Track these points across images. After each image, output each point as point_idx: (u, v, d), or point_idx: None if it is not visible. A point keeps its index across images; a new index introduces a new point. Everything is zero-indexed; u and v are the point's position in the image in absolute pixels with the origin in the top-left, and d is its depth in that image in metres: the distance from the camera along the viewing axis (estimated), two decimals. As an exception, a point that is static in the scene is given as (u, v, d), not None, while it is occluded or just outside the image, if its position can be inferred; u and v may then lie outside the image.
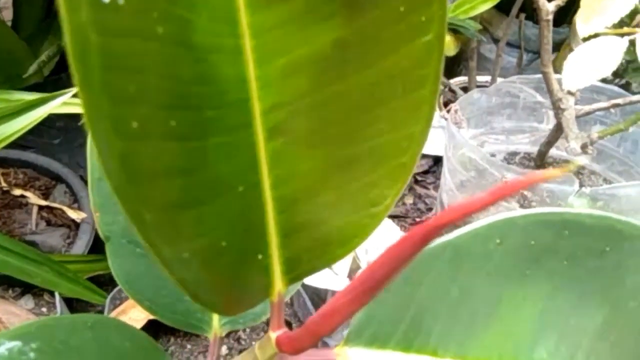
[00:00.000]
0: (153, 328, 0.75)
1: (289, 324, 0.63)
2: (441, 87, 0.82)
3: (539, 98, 0.57)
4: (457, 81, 0.79)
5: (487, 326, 0.22)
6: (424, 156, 0.83)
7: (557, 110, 0.40)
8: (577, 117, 0.41)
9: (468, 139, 0.53)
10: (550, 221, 0.21)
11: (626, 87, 0.78)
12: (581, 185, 0.38)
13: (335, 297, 0.16)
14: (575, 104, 0.44)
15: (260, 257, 0.18)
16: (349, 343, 0.22)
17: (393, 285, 0.22)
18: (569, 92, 0.41)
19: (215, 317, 0.26)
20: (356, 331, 0.22)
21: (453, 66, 0.93)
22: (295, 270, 0.19)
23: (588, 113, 0.42)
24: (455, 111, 0.51)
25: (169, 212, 0.13)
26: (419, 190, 0.79)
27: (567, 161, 0.64)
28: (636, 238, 0.21)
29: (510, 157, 0.61)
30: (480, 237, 0.21)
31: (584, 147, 0.38)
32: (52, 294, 0.62)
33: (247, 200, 0.16)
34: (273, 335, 0.20)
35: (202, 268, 0.15)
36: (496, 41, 0.87)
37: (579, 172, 0.57)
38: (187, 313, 0.25)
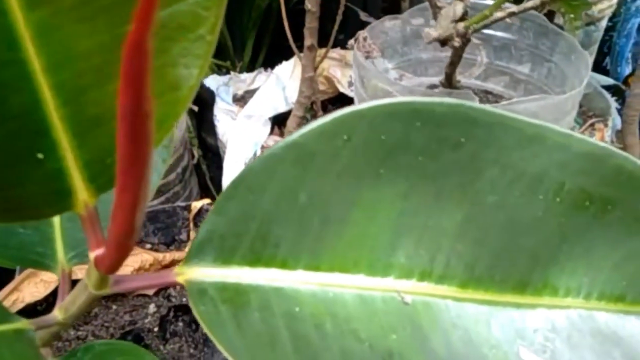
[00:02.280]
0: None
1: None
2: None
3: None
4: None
5: (340, 233, 0.20)
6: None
7: (434, 9, 0.38)
8: (475, 30, 0.39)
9: (382, 70, 0.51)
10: (399, 112, 0.19)
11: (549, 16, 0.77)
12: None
13: (115, 196, 0.13)
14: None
15: (40, 156, 0.15)
16: (190, 262, 0.20)
17: (235, 194, 0.20)
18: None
19: (60, 251, 0.24)
20: (197, 248, 0.20)
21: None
22: (101, 177, 0.17)
23: (485, 25, 0.40)
24: (364, 39, 0.49)
25: None
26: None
27: (488, 92, 0.64)
28: (492, 126, 0.19)
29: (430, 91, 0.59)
30: (326, 134, 0.19)
31: (449, 38, 0.37)
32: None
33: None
34: (92, 255, 0.18)
35: None
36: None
37: (497, 101, 0.56)
38: (22, 247, 0.23)
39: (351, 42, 0.49)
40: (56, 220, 0.23)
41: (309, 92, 0.75)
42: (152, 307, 0.66)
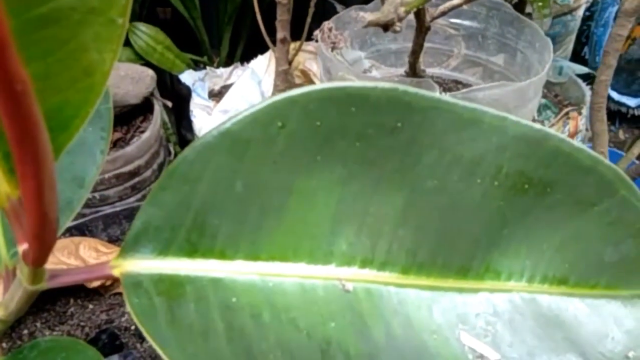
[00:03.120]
0: (51, 290, 0.71)
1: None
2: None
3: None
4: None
5: (279, 221, 0.20)
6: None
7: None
8: (434, 18, 0.39)
9: (351, 61, 0.50)
10: (333, 97, 0.19)
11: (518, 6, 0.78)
12: (441, 92, 0.37)
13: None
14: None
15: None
16: (125, 255, 0.19)
17: (169, 185, 0.19)
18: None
19: (2, 247, 0.23)
20: (132, 241, 0.19)
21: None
22: (21, 168, 0.16)
23: (444, 13, 0.40)
24: (330, 29, 0.48)
25: None
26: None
27: (459, 82, 0.64)
28: (427, 110, 0.19)
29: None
30: (260, 121, 0.19)
31: (390, 23, 0.36)
32: None
33: None
34: (20, 249, 0.18)
35: None
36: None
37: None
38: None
39: (317, 32, 0.49)
40: (-4, 216, 0.23)
41: (284, 85, 0.75)
42: (129, 306, 0.65)
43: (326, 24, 0.49)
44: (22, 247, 0.18)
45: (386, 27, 0.35)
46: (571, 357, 0.20)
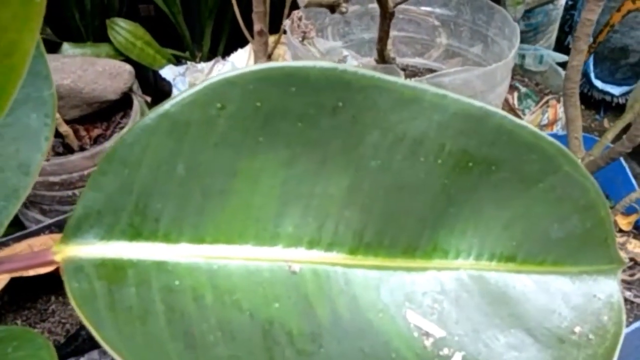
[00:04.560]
0: (33, 288, 0.70)
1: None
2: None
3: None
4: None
5: (223, 204, 0.20)
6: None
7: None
8: (397, 3, 0.39)
9: (324, 51, 0.50)
10: (272, 77, 0.19)
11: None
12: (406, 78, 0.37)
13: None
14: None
15: None
16: (68, 240, 0.19)
17: (109, 169, 0.19)
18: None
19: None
20: (74, 226, 0.19)
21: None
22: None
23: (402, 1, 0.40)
24: (299, 19, 0.48)
25: None
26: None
27: (433, 70, 0.64)
28: (367, 89, 0.19)
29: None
30: (198, 103, 0.19)
31: (335, 3, 0.36)
32: None
33: None
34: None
35: None
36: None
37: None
38: None
39: (286, 22, 0.48)
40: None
41: (262, 78, 0.74)
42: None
43: (295, 14, 0.48)
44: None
45: (332, 8, 0.35)
46: (516, 333, 0.20)
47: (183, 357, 0.16)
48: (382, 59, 0.47)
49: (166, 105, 0.19)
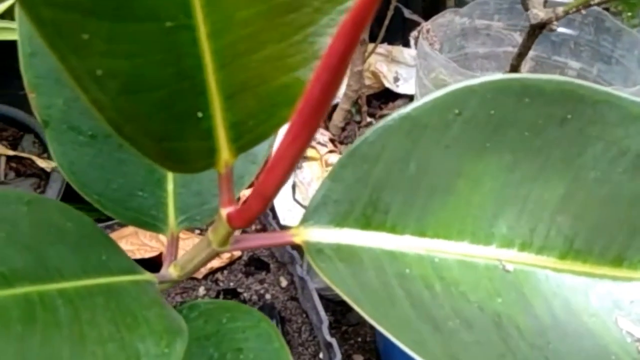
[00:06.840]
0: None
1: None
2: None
3: (514, 21, 0.56)
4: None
5: (445, 202, 0.21)
6: (400, 96, 0.82)
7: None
8: (558, 18, 0.39)
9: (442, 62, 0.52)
10: (509, 88, 0.20)
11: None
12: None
13: (278, 146, 0.15)
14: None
15: (200, 115, 0.17)
16: (306, 223, 0.21)
17: (349, 162, 0.21)
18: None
19: (171, 215, 0.25)
20: (313, 211, 0.21)
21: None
22: (242, 138, 0.18)
23: (567, 13, 0.40)
24: (427, 31, 0.50)
25: (70, 13, 0.12)
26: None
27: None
28: (598, 104, 0.20)
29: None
30: (438, 107, 0.21)
31: (549, 21, 0.37)
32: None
33: (176, 40, 0.15)
34: (223, 211, 0.20)
35: (121, 94, 0.14)
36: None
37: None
38: (140, 209, 0.24)
39: (414, 33, 0.50)
40: (170, 186, 0.25)
41: (357, 86, 0.76)
42: (201, 290, 0.68)
43: (425, 26, 0.50)
44: (227, 210, 0.20)
45: (543, 26, 0.37)
46: None
47: (435, 338, 0.18)
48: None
49: (408, 109, 0.21)
